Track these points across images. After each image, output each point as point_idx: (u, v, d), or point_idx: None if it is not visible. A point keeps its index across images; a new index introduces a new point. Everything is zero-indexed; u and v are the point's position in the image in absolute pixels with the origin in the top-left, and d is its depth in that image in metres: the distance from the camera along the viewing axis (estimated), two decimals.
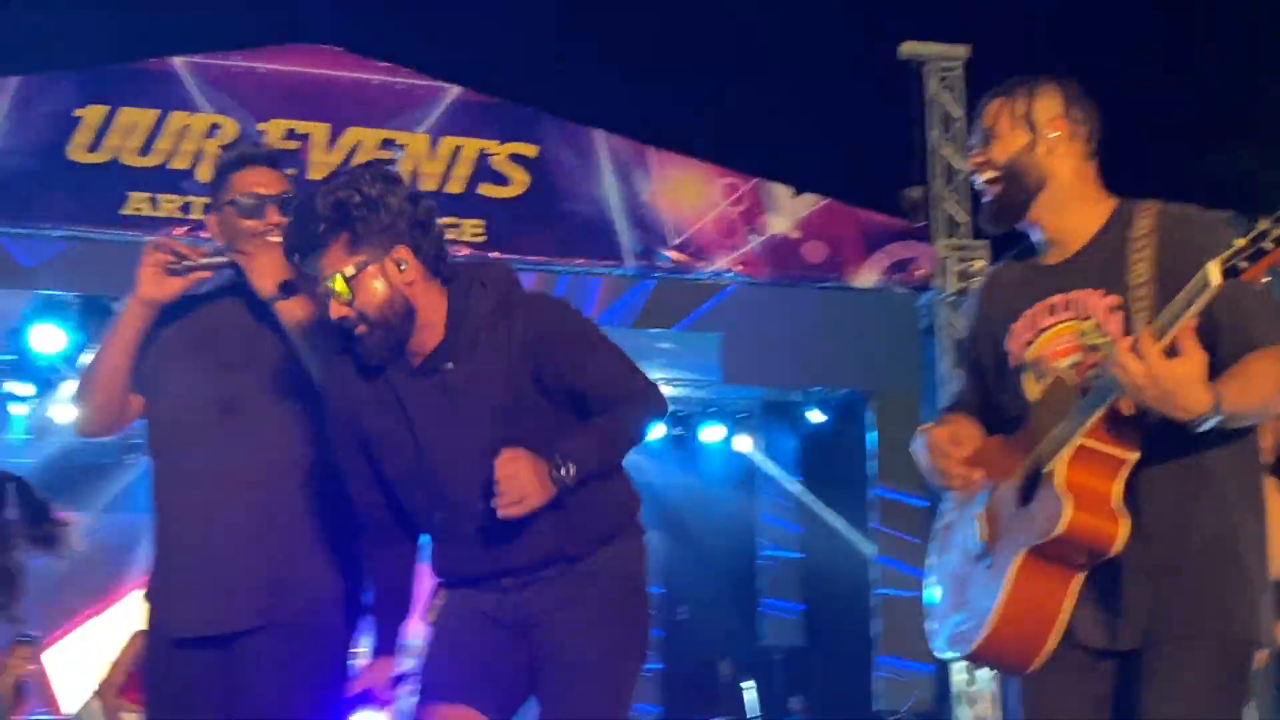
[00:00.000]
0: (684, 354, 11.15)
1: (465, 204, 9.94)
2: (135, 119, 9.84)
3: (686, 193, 10.31)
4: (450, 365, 2.63)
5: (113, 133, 9.79)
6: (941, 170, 10.25)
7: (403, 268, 2.60)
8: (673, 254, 10.20)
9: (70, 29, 10.74)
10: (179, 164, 9.84)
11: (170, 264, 2.92)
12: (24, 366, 10.01)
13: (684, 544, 13.34)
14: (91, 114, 9.79)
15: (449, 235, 9.99)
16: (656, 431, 11.68)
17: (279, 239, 2.78)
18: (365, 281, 2.57)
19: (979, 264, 10.05)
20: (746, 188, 10.39)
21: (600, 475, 2.65)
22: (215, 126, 9.93)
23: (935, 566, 2.90)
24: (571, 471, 2.53)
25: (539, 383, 2.65)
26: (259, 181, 2.98)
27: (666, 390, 11.44)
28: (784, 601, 12.85)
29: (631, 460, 10.01)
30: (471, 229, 9.95)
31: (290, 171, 3.19)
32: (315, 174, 9.85)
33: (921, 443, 2.82)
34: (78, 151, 9.72)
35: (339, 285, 2.57)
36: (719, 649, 12.97)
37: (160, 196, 9.79)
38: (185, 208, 9.76)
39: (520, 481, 2.47)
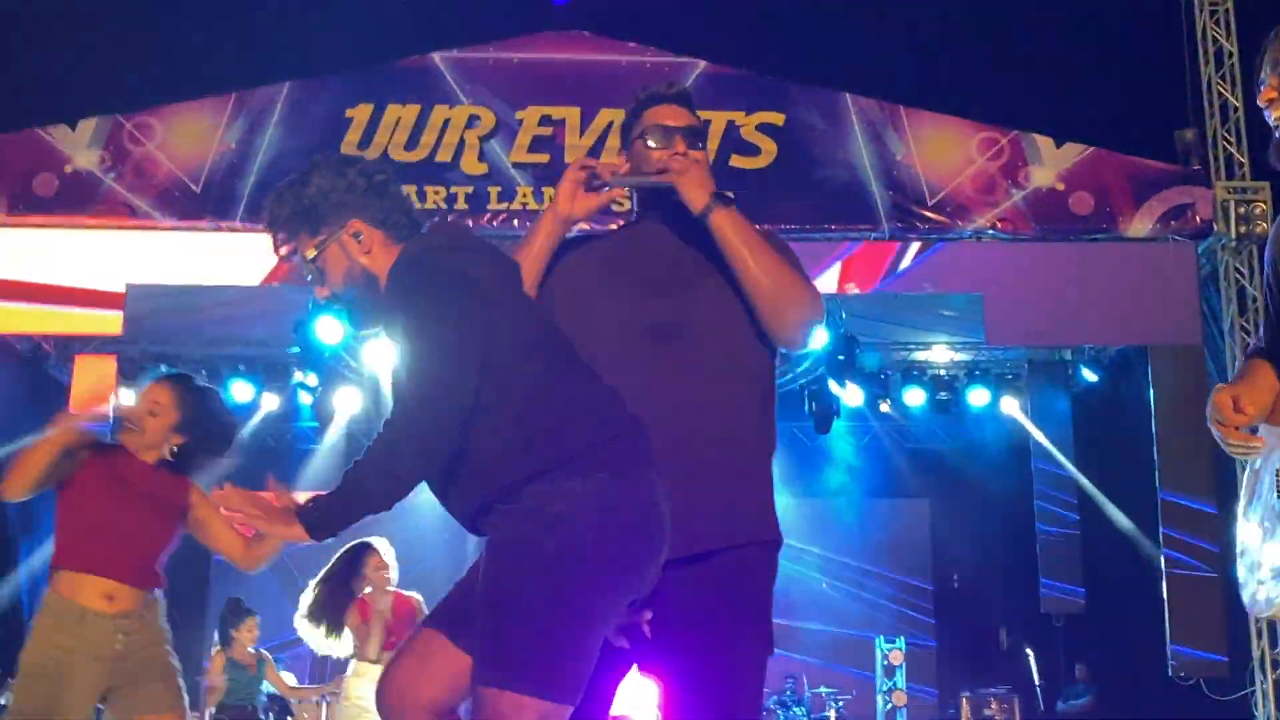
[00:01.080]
0: (945, 316, 10.91)
1: (716, 177, 9.91)
2: (400, 115, 10.26)
3: (942, 150, 10.06)
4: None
5: (381, 130, 10.23)
6: (1217, 110, 9.70)
7: (359, 239, 2.68)
8: (930, 214, 9.98)
9: (335, 33, 11.23)
10: (443, 156, 10.23)
11: (590, 181, 2.95)
12: (309, 357, 10.56)
13: (955, 510, 13.09)
14: (360, 113, 10.26)
15: None
16: (918, 397, 11.51)
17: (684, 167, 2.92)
18: (327, 261, 2.69)
19: (1261, 206, 9.48)
20: (1005, 141, 10.07)
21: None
22: (474, 117, 10.28)
23: (1244, 515, 2.77)
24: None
25: None
26: (667, 115, 3.04)
27: (930, 355, 11.34)
28: (1063, 566, 12.44)
29: (895, 426, 9.84)
30: None
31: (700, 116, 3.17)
32: (570, 157, 10.13)
33: (1210, 403, 2.71)
34: (349, 150, 10.12)
35: (309, 270, 2.73)
36: (997, 616, 12.68)
37: (427, 189, 10.17)
38: (450, 199, 10.15)
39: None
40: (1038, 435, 12.04)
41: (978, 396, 11.61)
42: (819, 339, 10.17)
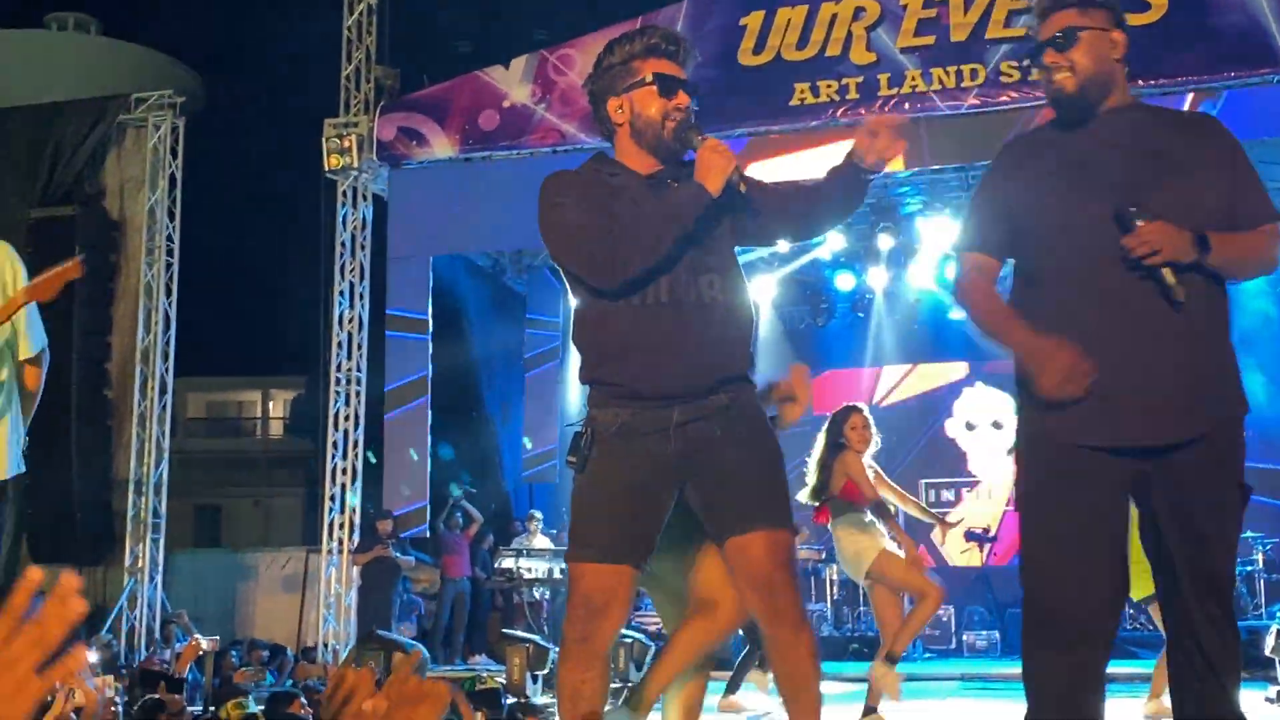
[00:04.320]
0: None
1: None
2: (790, 17, 10.85)
3: None
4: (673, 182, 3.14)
5: (773, 33, 10.88)
6: None
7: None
8: None
9: None
10: (832, 51, 10.76)
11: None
12: None
13: None
14: (753, 20, 10.95)
15: None
16: None
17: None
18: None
19: None
20: None
21: None
22: (860, 9, 10.71)
23: None
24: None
25: None
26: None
27: None
28: None
29: None
30: None
31: None
32: (957, 36, 10.46)
33: None
34: (746, 56, 10.93)
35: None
36: None
37: (819, 83, 10.76)
38: (842, 90, 10.68)
39: None
40: None
41: None
42: None
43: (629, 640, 7.94)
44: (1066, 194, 2.85)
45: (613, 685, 6.94)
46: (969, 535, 12.44)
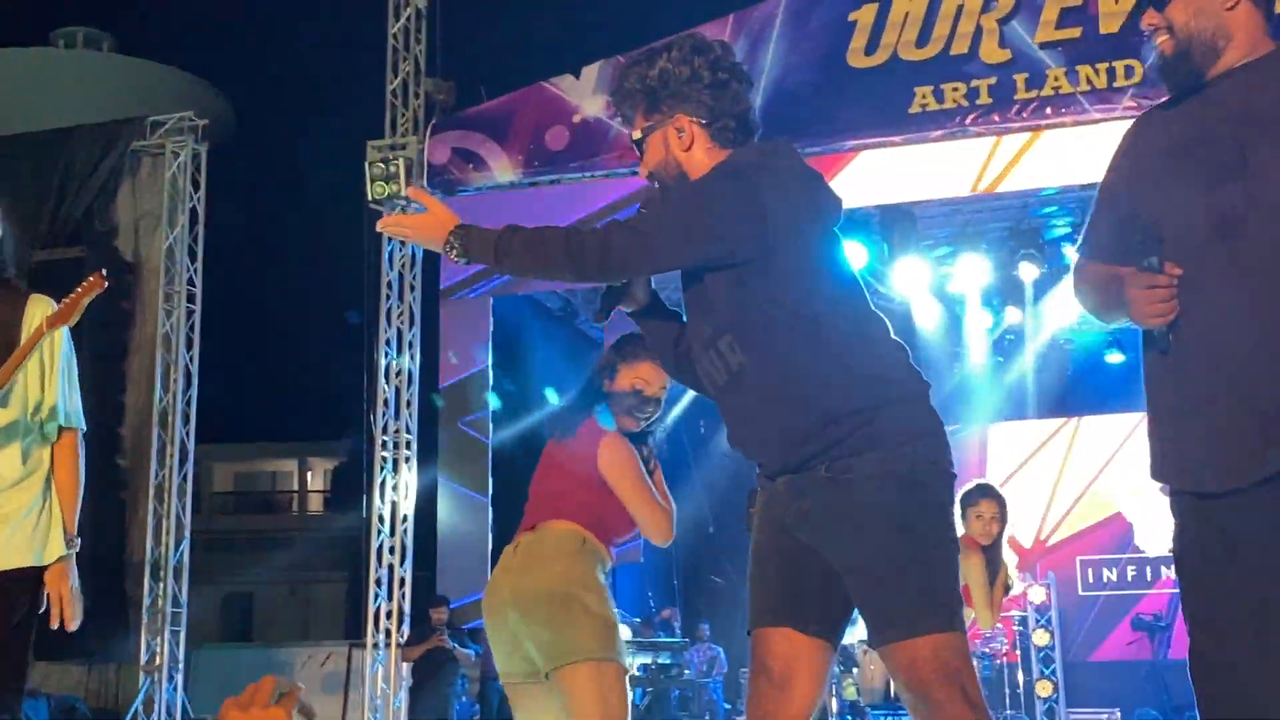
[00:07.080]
0: None
1: None
2: (908, 10, 9.74)
3: None
4: None
5: (888, 29, 9.75)
6: None
7: (681, 135, 2.81)
8: None
9: None
10: (959, 49, 9.60)
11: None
12: None
13: None
14: (864, 15, 9.82)
15: None
16: None
17: None
18: (649, 145, 2.84)
19: None
20: None
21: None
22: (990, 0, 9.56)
23: None
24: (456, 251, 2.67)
25: None
26: None
27: None
28: None
29: None
30: None
31: None
32: (1107, 27, 9.34)
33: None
34: (856, 57, 9.80)
35: (635, 148, 2.90)
36: None
37: (944, 87, 9.58)
38: (971, 94, 9.51)
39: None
40: None
41: None
42: None
43: None
44: (1165, 182, 2.60)
45: None
46: (1136, 623, 11.27)
